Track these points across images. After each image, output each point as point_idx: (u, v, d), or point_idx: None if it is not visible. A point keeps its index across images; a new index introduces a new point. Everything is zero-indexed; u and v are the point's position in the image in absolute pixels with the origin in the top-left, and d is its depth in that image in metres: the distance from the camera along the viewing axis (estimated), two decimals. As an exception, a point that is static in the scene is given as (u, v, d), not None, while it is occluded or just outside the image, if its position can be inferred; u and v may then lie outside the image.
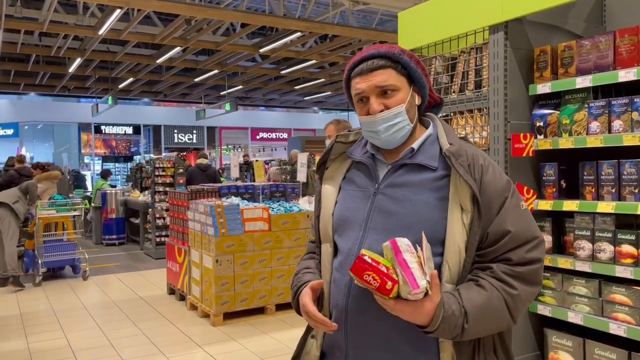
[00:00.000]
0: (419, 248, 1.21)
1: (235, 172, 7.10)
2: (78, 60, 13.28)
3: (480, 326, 1.26)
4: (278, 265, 5.59)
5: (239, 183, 6.84)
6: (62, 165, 15.80)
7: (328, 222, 1.47)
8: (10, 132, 20.41)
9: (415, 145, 1.40)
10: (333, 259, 1.45)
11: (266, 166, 11.27)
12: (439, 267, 1.30)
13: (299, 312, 1.45)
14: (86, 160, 21.17)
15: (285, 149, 23.91)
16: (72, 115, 20.49)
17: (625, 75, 2.05)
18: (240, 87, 17.90)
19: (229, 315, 5.45)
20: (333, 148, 1.53)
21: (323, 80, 16.32)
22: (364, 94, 1.38)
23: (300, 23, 9.72)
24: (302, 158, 6.12)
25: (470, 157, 1.34)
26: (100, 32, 9.83)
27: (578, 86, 2.20)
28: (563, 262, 2.28)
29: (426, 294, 1.20)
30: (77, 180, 14.79)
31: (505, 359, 1.39)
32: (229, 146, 24.11)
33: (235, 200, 5.80)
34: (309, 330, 1.53)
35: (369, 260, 1.17)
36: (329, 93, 19.25)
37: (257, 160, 10.29)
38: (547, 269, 2.39)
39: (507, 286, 1.27)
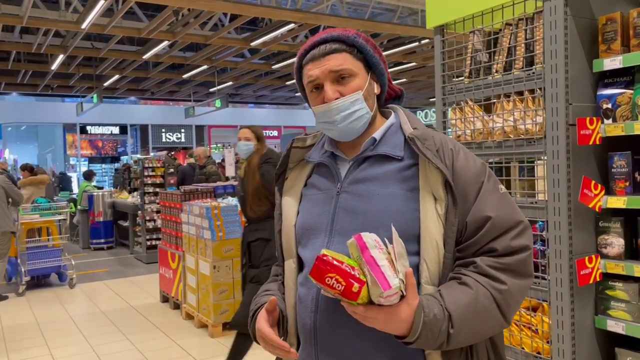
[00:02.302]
0: (388, 243, 1.07)
1: (230, 171, 6.68)
2: (61, 57, 12.74)
3: (468, 330, 1.12)
4: (280, 270, 5.19)
5: (236, 182, 6.42)
6: (46, 167, 15.25)
7: (290, 235, 1.34)
8: (-8, 133, 19.77)
9: (376, 135, 1.29)
10: (297, 276, 1.31)
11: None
12: (416, 267, 1.17)
13: (257, 340, 1.29)
14: (72, 162, 20.59)
15: (275, 146, 23.49)
16: (57, 115, 19.86)
17: None
18: (231, 83, 17.42)
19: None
20: (290, 155, 1.40)
21: (315, 75, 15.88)
22: (317, 80, 1.26)
23: (294, 14, 9.31)
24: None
25: (439, 142, 1.24)
26: (84, 25, 9.34)
27: (660, 58, 1.83)
28: (641, 270, 1.91)
29: (402, 296, 1.05)
30: (63, 182, 14.29)
31: None
32: (218, 144, 23.68)
33: (232, 200, 5.40)
34: None
35: (331, 260, 1.02)
36: (320, 88, 18.82)
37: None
38: (619, 277, 2.03)
39: (494, 281, 1.14)
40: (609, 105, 2.01)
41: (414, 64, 14.92)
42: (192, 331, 5.14)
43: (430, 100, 15.52)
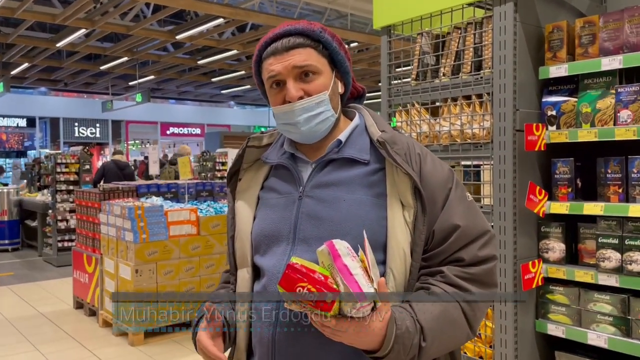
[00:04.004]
0: (360, 250, 1.00)
1: (154, 169, 6.34)
2: (-39, 41, 11.64)
3: (438, 343, 1.08)
4: (207, 274, 4.98)
5: (160, 181, 6.10)
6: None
7: (245, 242, 1.25)
8: None
9: (341, 136, 1.21)
10: (253, 285, 1.23)
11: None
12: (382, 276, 1.09)
13: (198, 351, 1.21)
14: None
15: (198, 145, 22.81)
16: (-46, 104, 18.16)
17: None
18: (152, 77, 16.68)
19: (152, 333, 4.76)
20: (245, 154, 1.31)
21: (242, 72, 15.59)
22: (279, 76, 1.17)
23: (223, 8, 9.04)
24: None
25: (405, 145, 1.18)
26: (-11, 7, 8.56)
27: (604, 68, 1.88)
28: (582, 275, 1.96)
29: (373, 308, 0.98)
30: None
31: None
32: (137, 141, 22.69)
33: (157, 200, 5.11)
34: None
35: (302, 269, 0.95)
36: (247, 87, 18.54)
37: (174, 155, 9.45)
38: (560, 282, 2.07)
39: (463, 292, 1.11)
40: (553, 112, 2.04)
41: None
42: (111, 340, 4.81)
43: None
